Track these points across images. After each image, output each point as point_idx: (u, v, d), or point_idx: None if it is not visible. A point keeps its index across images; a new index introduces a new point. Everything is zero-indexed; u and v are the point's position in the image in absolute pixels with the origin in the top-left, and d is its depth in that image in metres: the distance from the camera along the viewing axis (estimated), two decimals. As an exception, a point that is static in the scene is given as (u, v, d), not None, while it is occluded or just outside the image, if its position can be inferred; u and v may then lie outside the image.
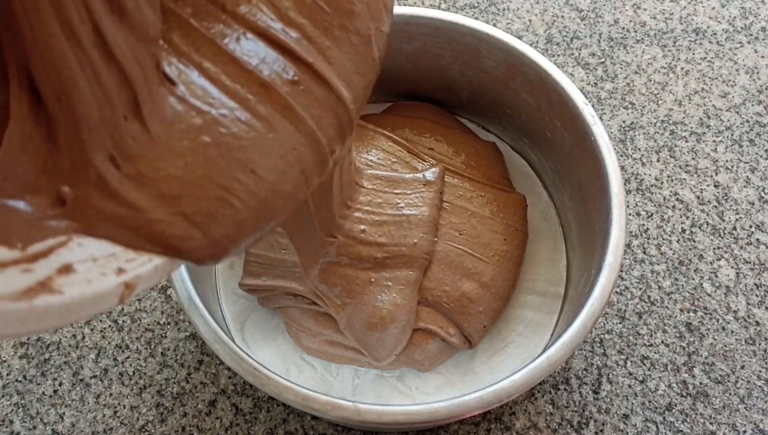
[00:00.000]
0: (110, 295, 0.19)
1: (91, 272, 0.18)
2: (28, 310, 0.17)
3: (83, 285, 0.18)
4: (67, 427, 0.39)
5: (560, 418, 0.38)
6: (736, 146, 0.47)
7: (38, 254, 0.18)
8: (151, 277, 0.20)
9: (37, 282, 0.17)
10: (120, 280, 0.19)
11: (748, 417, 0.38)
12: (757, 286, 0.42)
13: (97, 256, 0.19)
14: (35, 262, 0.18)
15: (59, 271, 0.18)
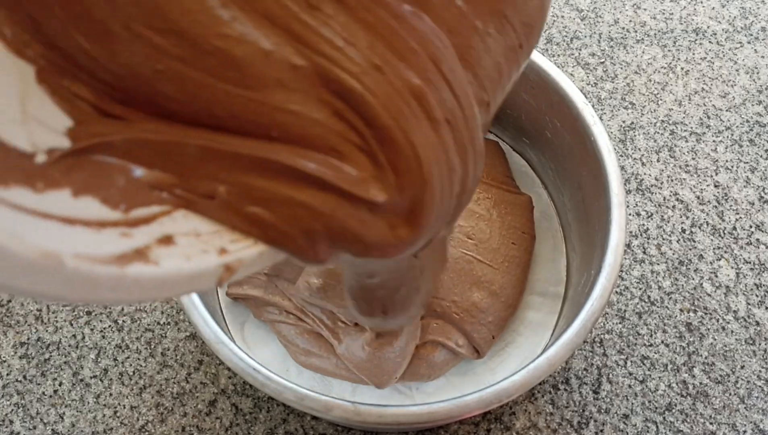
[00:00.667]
0: (208, 275, 0.17)
1: (193, 247, 0.17)
2: (119, 277, 0.15)
3: (182, 260, 0.17)
4: (67, 427, 0.39)
5: (560, 418, 0.38)
6: (736, 146, 0.47)
7: (140, 219, 0.17)
8: (254, 262, 0.18)
9: (134, 249, 0.16)
10: (221, 261, 0.18)
11: (748, 417, 0.38)
12: (757, 286, 0.42)
13: (201, 230, 0.18)
14: (135, 227, 0.17)
15: (159, 240, 0.17)
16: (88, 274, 0.15)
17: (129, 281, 0.16)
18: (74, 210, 0.16)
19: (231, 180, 0.18)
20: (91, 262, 0.15)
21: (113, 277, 0.15)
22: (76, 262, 0.14)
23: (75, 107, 0.18)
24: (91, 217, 0.16)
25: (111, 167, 0.17)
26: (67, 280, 0.14)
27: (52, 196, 0.16)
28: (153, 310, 0.42)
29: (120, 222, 0.16)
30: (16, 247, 0.13)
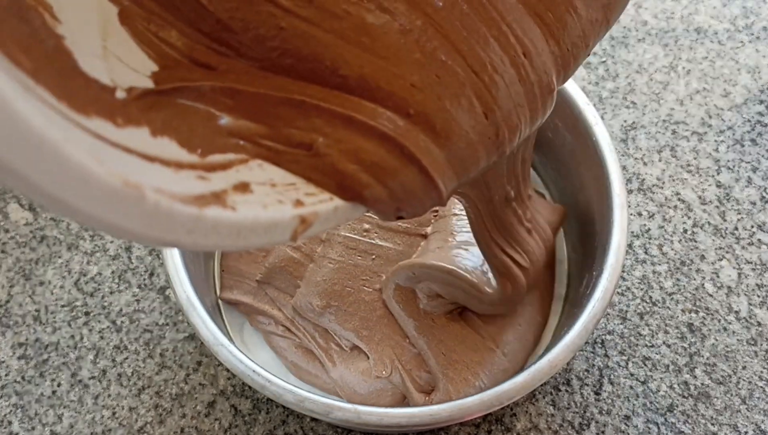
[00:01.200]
0: (284, 226, 0.17)
1: (269, 197, 0.17)
2: (197, 217, 0.15)
3: (258, 208, 0.17)
4: (65, 428, 0.38)
5: (561, 419, 0.38)
6: (738, 146, 0.47)
7: (216, 165, 0.17)
8: (329, 217, 0.18)
9: (211, 192, 0.16)
10: (297, 213, 0.17)
11: (749, 418, 0.38)
12: (759, 286, 0.42)
13: (277, 181, 0.18)
14: (212, 172, 0.17)
15: (236, 187, 0.17)
16: (167, 211, 0.14)
17: (207, 224, 0.15)
18: (152, 148, 0.16)
19: (332, 135, 0.18)
20: (171, 199, 0.15)
21: (191, 218, 0.15)
22: (157, 196, 0.14)
23: (161, 52, 0.18)
24: (169, 157, 0.16)
25: (193, 111, 0.18)
26: (146, 214, 0.14)
27: (132, 132, 0.16)
28: (152, 311, 0.42)
29: (197, 165, 0.16)
30: (100, 173, 0.13)
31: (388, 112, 0.18)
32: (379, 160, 0.18)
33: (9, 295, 0.42)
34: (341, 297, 0.36)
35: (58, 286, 0.43)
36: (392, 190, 0.19)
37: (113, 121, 0.15)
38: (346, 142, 0.18)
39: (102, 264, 0.43)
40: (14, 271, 0.43)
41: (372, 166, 0.18)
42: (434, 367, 0.34)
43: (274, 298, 0.38)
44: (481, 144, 0.20)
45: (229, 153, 0.17)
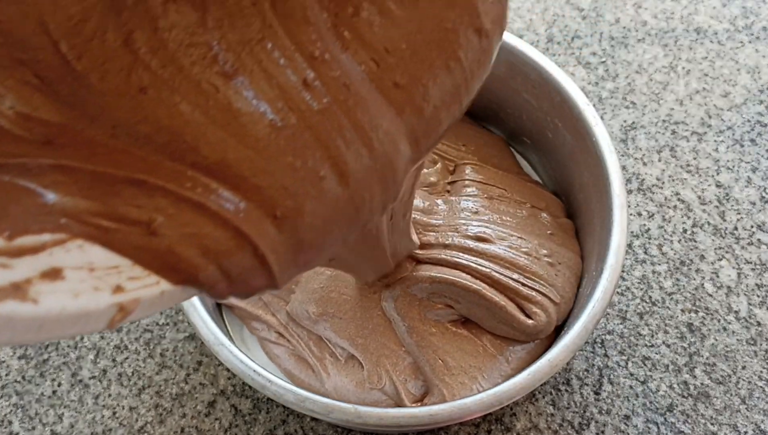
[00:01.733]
0: (98, 315, 0.16)
1: (83, 283, 0.16)
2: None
3: (67, 297, 0.15)
4: (65, 427, 0.38)
5: (561, 419, 0.38)
6: (738, 146, 0.47)
7: (25, 249, 0.15)
8: (154, 303, 0.17)
9: (11, 283, 0.14)
10: (115, 300, 0.16)
11: (749, 417, 0.38)
12: (759, 286, 0.42)
13: (97, 265, 0.16)
14: (18, 258, 0.15)
15: (44, 274, 0.15)
16: None
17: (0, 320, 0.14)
18: None
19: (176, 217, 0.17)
20: None
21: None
22: None
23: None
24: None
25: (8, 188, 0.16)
26: None
27: None
28: (152, 311, 0.42)
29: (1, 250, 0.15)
30: None
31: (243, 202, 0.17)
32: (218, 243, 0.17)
33: None
34: (337, 305, 0.35)
35: (58, 285, 0.43)
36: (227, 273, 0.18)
37: None
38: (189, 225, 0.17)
39: (102, 264, 0.43)
40: (14, 270, 0.43)
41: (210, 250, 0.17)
42: (429, 374, 0.33)
43: (268, 302, 0.37)
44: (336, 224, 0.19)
45: (45, 233, 0.15)
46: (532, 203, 0.39)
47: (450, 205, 0.37)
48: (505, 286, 0.34)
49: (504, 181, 0.39)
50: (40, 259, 0.15)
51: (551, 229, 0.38)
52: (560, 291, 0.35)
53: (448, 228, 0.36)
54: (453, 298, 0.34)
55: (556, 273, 0.36)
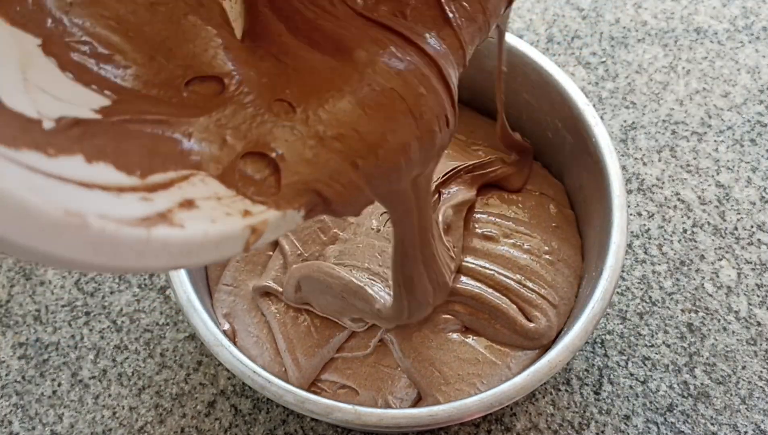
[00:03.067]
0: (235, 238, 0.17)
1: (216, 211, 0.17)
2: (146, 240, 0.15)
3: (206, 223, 0.16)
4: (65, 427, 0.38)
5: (561, 419, 0.38)
6: (738, 146, 0.47)
7: (157, 185, 0.16)
8: (279, 225, 0.18)
9: (157, 212, 0.16)
10: (247, 223, 0.17)
11: (749, 417, 0.38)
12: (759, 286, 0.42)
13: (222, 194, 0.18)
14: (154, 193, 0.16)
15: (181, 204, 0.16)
16: (113, 236, 0.14)
17: (157, 244, 0.15)
18: (89, 175, 0.15)
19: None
20: (116, 223, 0.14)
21: (140, 240, 0.15)
22: (102, 222, 0.14)
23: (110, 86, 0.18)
24: (108, 182, 0.16)
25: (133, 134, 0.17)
26: (92, 242, 0.14)
27: (65, 161, 0.15)
28: (152, 311, 0.42)
29: (138, 187, 0.16)
30: (39, 204, 0.13)
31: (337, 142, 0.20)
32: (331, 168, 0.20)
33: (9, 295, 0.43)
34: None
35: (58, 285, 0.43)
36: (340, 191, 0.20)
37: (45, 152, 0.15)
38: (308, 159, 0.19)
39: (102, 264, 0.43)
40: (14, 270, 0.43)
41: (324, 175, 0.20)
42: (425, 387, 0.33)
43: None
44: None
45: (169, 171, 0.17)
46: (541, 191, 0.39)
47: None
48: (507, 287, 0.34)
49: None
50: (173, 193, 0.17)
51: (556, 222, 0.38)
52: (559, 292, 0.35)
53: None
54: (457, 303, 0.34)
55: (556, 272, 0.36)
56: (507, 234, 0.36)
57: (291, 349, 0.34)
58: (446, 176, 0.37)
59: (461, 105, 0.41)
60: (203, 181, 0.18)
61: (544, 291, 0.35)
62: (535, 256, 0.36)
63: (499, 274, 0.35)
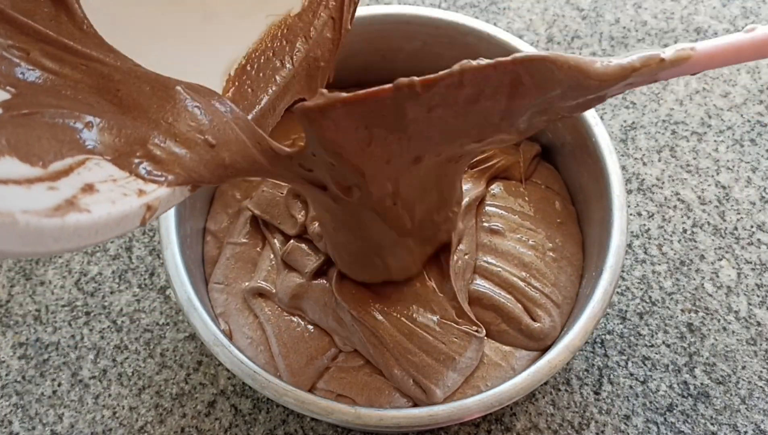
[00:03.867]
0: (133, 216, 0.19)
1: (113, 192, 0.19)
2: (61, 227, 0.17)
3: (108, 205, 0.18)
4: (66, 427, 0.38)
5: (561, 419, 0.38)
6: (738, 146, 0.47)
7: (59, 172, 0.18)
8: (170, 199, 0.21)
9: (65, 200, 0.17)
10: (142, 202, 0.20)
11: (749, 417, 0.38)
12: (759, 286, 0.42)
13: (117, 176, 0.20)
14: (58, 180, 0.18)
15: (83, 189, 0.18)
16: (36, 228, 0.16)
17: (70, 230, 0.17)
18: (2, 171, 0.17)
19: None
20: (37, 216, 0.16)
21: (56, 228, 0.17)
22: (26, 217, 0.16)
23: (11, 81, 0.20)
24: (18, 176, 0.17)
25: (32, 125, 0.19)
26: (20, 235, 0.16)
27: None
28: (152, 311, 0.42)
29: (43, 177, 0.18)
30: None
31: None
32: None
33: (9, 295, 0.43)
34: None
35: (58, 285, 0.43)
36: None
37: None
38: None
39: (102, 264, 0.43)
40: (15, 270, 0.43)
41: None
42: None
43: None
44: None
45: (66, 158, 0.19)
46: (546, 184, 0.39)
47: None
48: (513, 285, 0.35)
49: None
50: (74, 179, 0.18)
51: (561, 218, 0.38)
52: (563, 291, 0.35)
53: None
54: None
55: (559, 270, 0.36)
56: (513, 228, 0.37)
57: (285, 353, 0.34)
58: None
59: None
60: (98, 165, 0.20)
61: (548, 290, 0.35)
62: (540, 253, 0.36)
63: (505, 271, 0.35)
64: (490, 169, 0.38)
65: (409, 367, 0.32)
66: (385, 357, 0.33)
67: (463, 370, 0.33)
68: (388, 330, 0.33)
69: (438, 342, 0.33)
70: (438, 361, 0.32)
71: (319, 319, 0.35)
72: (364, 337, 0.33)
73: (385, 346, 0.33)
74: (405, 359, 0.32)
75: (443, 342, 0.33)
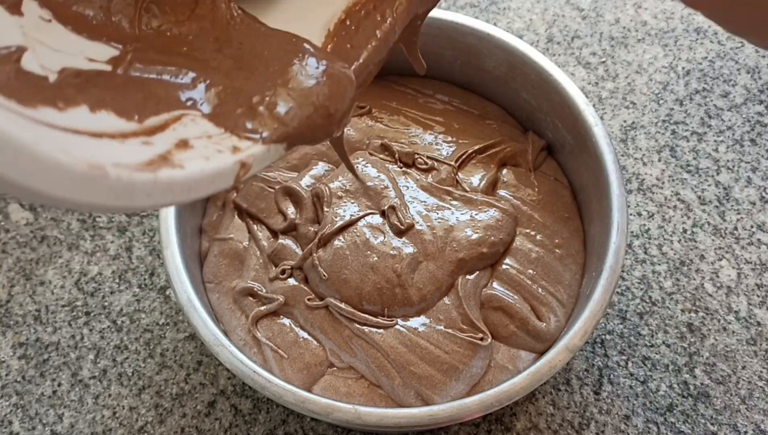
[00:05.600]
0: (227, 173, 0.19)
1: (208, 149, 0.19)
2: (153, 182, 0.17)
3: (202, 161, 0.18)
4: (66, 427, 0.38)
5: (561, 419, 0.38)
6: (738, 146, 0.47)
7: (155, 128, 0.18)
8: (265, 157, 0.20)
9: (158, 155, 0.17)
10: (236, 159, 0.19)
11: (749, 417, 0.38)
12: (759, 286, 0.42)
13: (212, 133, 0.19)
14: (153, 136, 0.18)
15: (177, 145, 0.18)
16: (128, 181, 0.16)
17: (163, 185, 0.17)
18: (96, 124, 0.17)
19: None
20: (129, 170, 0.16)
21: (149, 183, 0.17)
22: (117, 170, 0.16)
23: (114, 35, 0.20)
24: (113, 130, 0.17)
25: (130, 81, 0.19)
26: (111, 188, 0.16)
27: (73, 113, 0.17)
28: (152, 311, 0.42)
29: (138, 131, 0.18)
30: (67, 161, 0.15)
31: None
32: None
33: (9, 295, 0.43)
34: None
35: (58, 286, 0.43)
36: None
37: (56, 107, 0.17)
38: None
39: (102, 264, 0.43)
40: (15, 271, 0.43)
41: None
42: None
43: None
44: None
45: (162, 113, 0.19)
46: (555, 177, 0.39)
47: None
48: (521, 284, 0.35)
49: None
50: (169, 135, 0.18)
51: (568, 212, 0.38)
52: (567, 289, 0.35)
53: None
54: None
55: (564, 268, 0.36)
56: (522, 222, 0.37)
57: (278, 358, 0.34)
58: (460, 160, 0.38)
59: (473, 91, 0.42)
60: (194, 122, 0.19)
61: (554, 288, 0.35)
62: (547, 249, 0.36)
63: (513, 269, 0.35)
64: (499, 154, 0.39)
65: (410, 378, 0.32)
66: (386, 369, 0.33)
67: (468, 380, 0.33)
68: (388, 341, 0.33)
69: (441, 352, 0.33)
70: (441, 371, 0.32)
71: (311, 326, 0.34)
72: (363, 351, 0.33)
73: (386, 357, 0.33)
74: (407, 371, 0.32)
75: (447, 352, 0.33)
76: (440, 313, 0.34)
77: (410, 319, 0.34)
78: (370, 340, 0.33)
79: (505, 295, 0.34)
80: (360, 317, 0.33)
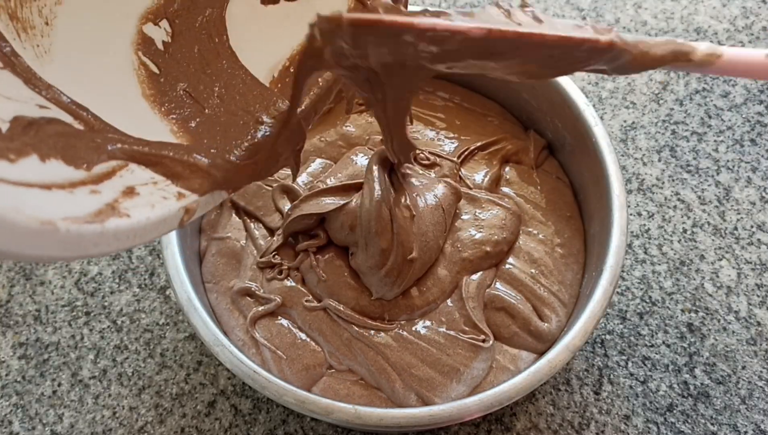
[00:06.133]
0: (172, 219, 0.20)
1: (153, 196, 0.19)
2: (101, 232, 0.17)
3: (147, 209, 0.19)
4: (66, 427, 0.38)
5: (561, 419, 0.38)
6: (738, 146, 0.47)
7: (102, 175, 0.19)
8: (209, 202, 0.21)
9: (105, 204, 0.18)
10: (181, 205, 0.20)
11: (749, 417, 0.38)
12: (759, 286, 0.42)
13: (157, 178, 0.20)
14: (101, 183, 0.19)
15: (124, 193, 0.19)
16: (77, 234, 0.17)
17: (109, 235, 0.18)
18: (46, 175, 0.17)
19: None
20: (77, 223, 0.17)
21: (96, 234, 0.17)
22: (67, 224, 0.16)
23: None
24: (62, 179, 0.18)
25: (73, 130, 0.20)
26: (61, 241, 0.16)
27: (24, 163, 0.17)
28: (152, 311, 0.42)
29: (86, 180, 0.18)
30: (19, 219, 0.15)
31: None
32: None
33: (9, 295, 0.43)
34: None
35: (58, 286, 0.43)
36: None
37: (7, 159, 0.17)
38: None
39: (102, 264, 0.43)
40: (15, 271, 0.43)
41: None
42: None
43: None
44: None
45: (110, 161, 0.19)
46: (557, 175, 0.39)
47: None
48: (523, 283, 0.35)
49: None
50: (116, 182, 0.19)
51: (570, 211, 0.38)
52: (568, 289, 0.35)
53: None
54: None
55: (566, 267, 0.36)
56: (524, 220, 0.37)
57: (276, 359, 0.34)
58: (462, 157, 0.38)
59: (473, 90, 0.42)
60: (140, 168, 0.20)
61: (556, 287, 0.35)
62: (549, 248, 0.36)
63: (515, 268, 0.35)
64: (501, 151, 0.39)
65: (411, 380, 0.32)
66: (387, 372, 0.33)
67: (469, 381, 0.33)
68: (388, 344, 0.33)
69: (443, 354, 0.33)
70: (442, 373, 0.32)
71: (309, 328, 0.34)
72: (363, 354, 0.33)
73: (386, 360, 0.33)
74: (407, 373, 0.32)
75: (448, 354, 0.33)
76: (443, 315, 0.34)
77: (412, 322, 0.34)
78: (370, 343, 0.33)
79: (508, 296, 0.34)
80: (359, 320, 0.33)
